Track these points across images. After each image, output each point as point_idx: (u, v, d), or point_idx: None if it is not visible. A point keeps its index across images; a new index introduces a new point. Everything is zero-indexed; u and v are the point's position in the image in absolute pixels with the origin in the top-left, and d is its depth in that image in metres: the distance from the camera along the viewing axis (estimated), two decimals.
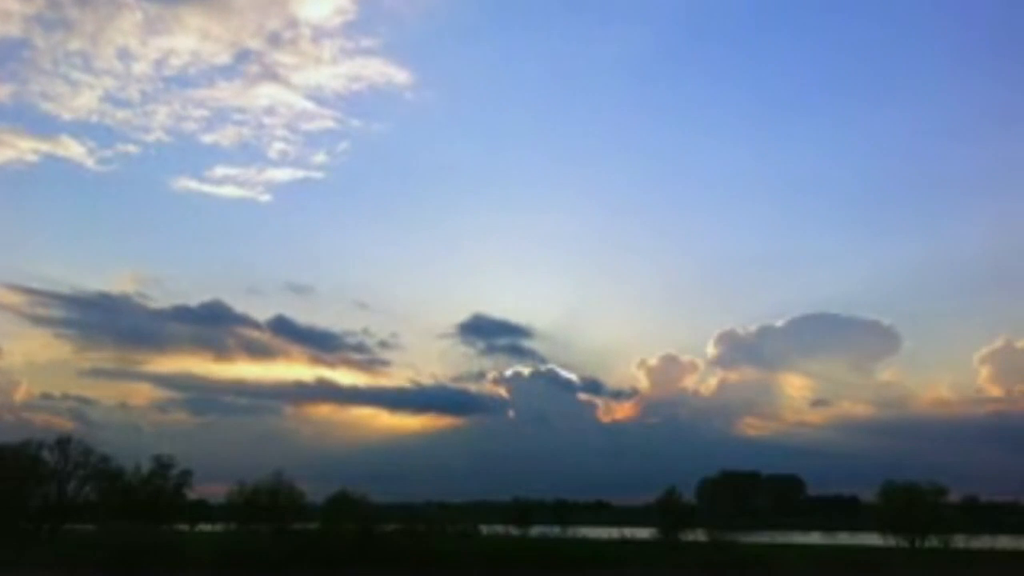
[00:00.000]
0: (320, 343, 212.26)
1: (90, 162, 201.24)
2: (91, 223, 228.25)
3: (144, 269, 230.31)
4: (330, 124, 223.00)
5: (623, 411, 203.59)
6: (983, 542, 56.10)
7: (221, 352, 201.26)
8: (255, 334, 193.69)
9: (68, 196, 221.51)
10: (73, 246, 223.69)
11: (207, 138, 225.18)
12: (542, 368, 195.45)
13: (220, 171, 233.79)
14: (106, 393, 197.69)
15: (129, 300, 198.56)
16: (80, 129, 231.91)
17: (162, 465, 61.30)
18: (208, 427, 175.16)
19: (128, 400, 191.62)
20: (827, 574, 46.63)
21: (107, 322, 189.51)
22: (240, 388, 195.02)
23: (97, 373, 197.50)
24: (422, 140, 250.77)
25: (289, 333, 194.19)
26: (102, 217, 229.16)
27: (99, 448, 60.10)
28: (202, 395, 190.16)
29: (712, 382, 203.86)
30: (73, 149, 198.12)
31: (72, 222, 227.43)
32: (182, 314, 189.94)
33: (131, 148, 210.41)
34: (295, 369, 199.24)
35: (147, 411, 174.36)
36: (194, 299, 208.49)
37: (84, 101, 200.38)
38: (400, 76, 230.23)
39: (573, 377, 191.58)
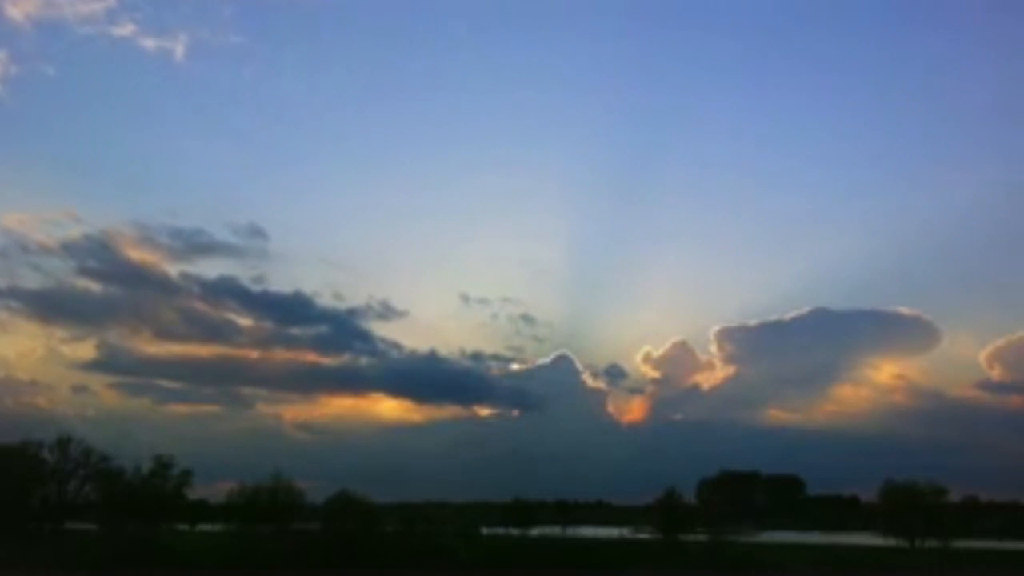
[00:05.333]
0: (282, 310, 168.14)
1: None
2: None
3: (53, 210, 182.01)
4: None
5: (630, 406, 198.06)
6: (983, 542, 56.20)
7: (158, 326, 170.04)
8: (199, 302, 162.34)
9: None
10: None
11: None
12: (548, 355, 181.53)
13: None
14: (47, 377, 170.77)
15: (36, 254, 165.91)
16: None
17: (162, 465, 61.25)
18: (169, 417, 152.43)
19: (74, 385, 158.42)
20: (827, 574, 46.62)
21: (12, 283, 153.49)
22: (195, 370, 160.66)
23: (46, 357, 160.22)
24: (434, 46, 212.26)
25: (240, 297, 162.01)
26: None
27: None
28: (149, 380, 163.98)
29: (720, 376, 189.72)
30: None
31: None
32: (111, 273, 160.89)
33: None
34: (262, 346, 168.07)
35: (97, 400, 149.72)
36: (123, 255, 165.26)
37: None
38: None
39: (579, 364, 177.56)
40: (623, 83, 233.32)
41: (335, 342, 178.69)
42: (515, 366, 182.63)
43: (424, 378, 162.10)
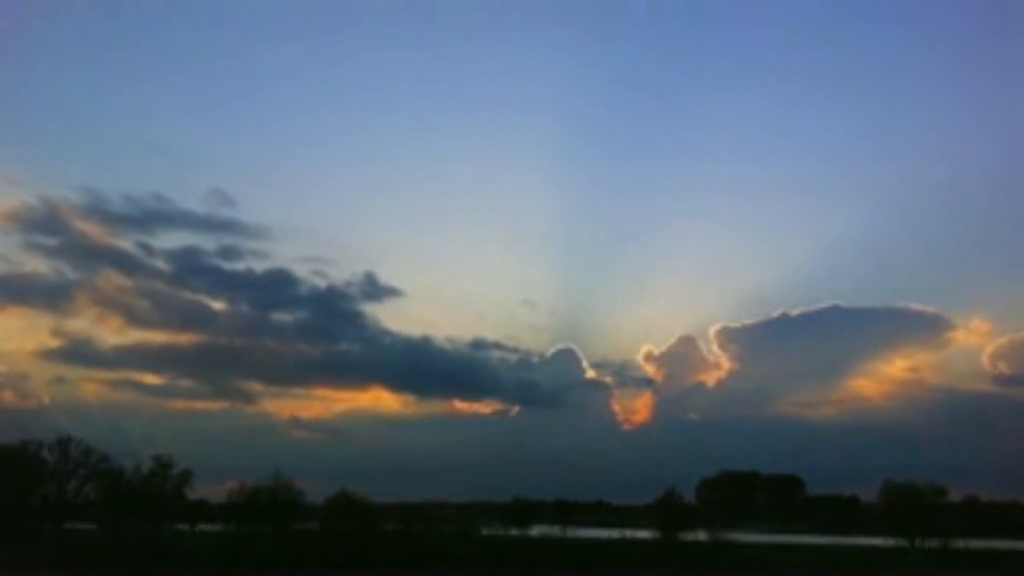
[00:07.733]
0: (258, 291, 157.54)
1: None
2: None
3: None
4: None
5: (632, 404, 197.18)
6: (983, 542, 56.17)
7: (123, 311, 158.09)
8: (161, 283, 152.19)
9: None
10: None
11: None
12: (549, 348, 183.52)
13: None
14: (16, 368, 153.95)
15: None
16: None
17: (162, 465, 61.29)
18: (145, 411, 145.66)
19: (46, 380, 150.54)
20: (827, 574, 46.58)
21: None
22: (175, 361, 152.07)
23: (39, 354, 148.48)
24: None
25: (210, 276, 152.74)
26: None
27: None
28: (125, 373, 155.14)
29: (723, 374, 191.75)
30: None
31: None
32: (60, 248, 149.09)
33: None
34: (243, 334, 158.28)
35: (78, 393, 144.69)
36: (70, 225, 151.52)
37: None
38: None
39: (584, 361, 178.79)
40: (628, 79, 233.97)
41: (322, 328, 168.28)
42: (515, 358, 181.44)
43: (421, 369, 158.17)
